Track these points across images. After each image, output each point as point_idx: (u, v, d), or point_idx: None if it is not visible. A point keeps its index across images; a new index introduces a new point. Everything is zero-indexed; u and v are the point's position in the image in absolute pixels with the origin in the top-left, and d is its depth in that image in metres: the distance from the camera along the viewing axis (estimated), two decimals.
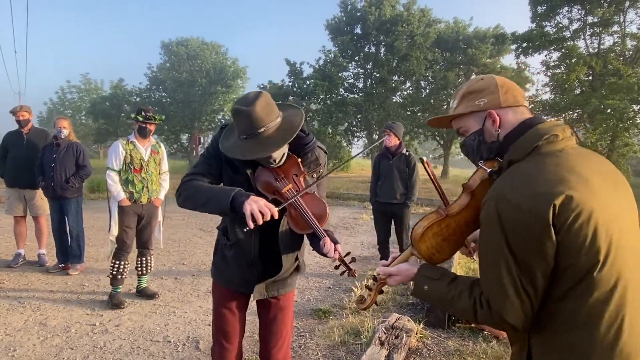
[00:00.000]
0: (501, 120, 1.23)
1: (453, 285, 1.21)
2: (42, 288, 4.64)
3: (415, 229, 1.29)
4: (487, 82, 1.26)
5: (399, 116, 26.64)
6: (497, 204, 1.07)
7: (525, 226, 1.03)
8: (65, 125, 5.13)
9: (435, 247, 1.28)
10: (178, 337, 3.56)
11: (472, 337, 3.52)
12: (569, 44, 20.55)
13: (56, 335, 3.52)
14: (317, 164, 1.95)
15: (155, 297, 4.39)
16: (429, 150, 60.62)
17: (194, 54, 37.74)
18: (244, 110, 1.70)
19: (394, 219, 5.26)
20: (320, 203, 1.88)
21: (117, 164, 4.20)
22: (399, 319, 3.54)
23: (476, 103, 1.25)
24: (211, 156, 1.92)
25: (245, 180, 1.86)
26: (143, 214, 4.30)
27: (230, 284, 2.02)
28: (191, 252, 6.45)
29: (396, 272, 1.36)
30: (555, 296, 1.07)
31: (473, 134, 1.28)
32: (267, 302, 2.04)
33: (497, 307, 1.09)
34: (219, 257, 2.06)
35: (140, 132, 4.26)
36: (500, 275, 1.08)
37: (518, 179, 1.09)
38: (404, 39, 27.05)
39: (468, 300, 1.16)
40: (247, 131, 1.72)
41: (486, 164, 1.25)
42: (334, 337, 3.51)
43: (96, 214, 9.67)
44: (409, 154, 5.20)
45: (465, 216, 1.26)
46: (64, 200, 5.09)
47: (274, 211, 1.65)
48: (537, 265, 1.05)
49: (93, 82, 49.47)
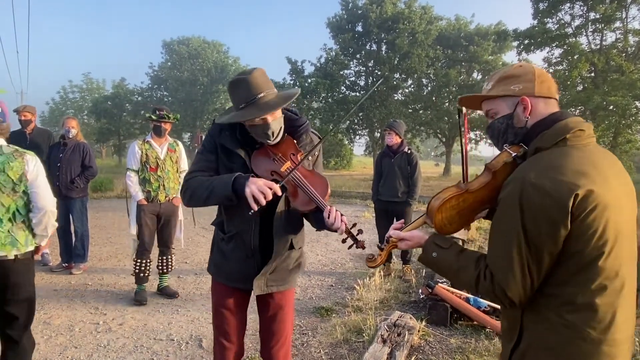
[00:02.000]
0: (532, 108, 1.27)
1: (462, 256, 1.27)
2: (46, 287, 4.66)
3: (433, 200, 1.35)
4: (525, 70, 1.30)
5: (401, 114, 26.58)
6: (522, 185, 1.12)
7: (545, 210, 1.09)
8: (74, 125, 5.17)
9: (448, 219, 1.33)
10: (181, 335, 3.57)
11: (474, 335, 3.53)
12: (571, 41, 20.47)
13: (60, 334, 3.53)
14: (312, 146, 1.98)
15: (175, 296, 4.42)
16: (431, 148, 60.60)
17: (196, 52, 37.80)
18: (242, 77, 1.76)
19: (395, 217, 5.26)
20: (320, 177, 1.89)
21: (135, 163, 4.26)
22: (401, 316, 3.54)
23: (511, 88, 1.29)
24: (207, 151, 1.94)
25: (241, 165, 1.87)
26: (161, 213, 4.33)
27: (229, 279, 2.00)
28: (193, 251, 6.47)
29: (409, 237, 1.42)
30: (559, 279, 1.14)
31: (502, 117, 1.32)
32: (267, 301, 2.03)
33: (500, 281, 1.16)
34: (216, 252, 2.06)
35: (156, 131, 4.32)
36: (509, 251, 1.14)
37: (545, 165, 1.14)
38: (406, 37, 26.98)
39: (473, 272, 1.22)
40: (247, 97, 1.75)
41: (511, 148, 1.28)
42: (336, 335, 3.52)
43: (99, 213, 9.70)
44: (411, 152, 5.20)
45: (482, 194, 1.31)
46: (69, 200, 5.11)
47: (275, 188, 1.66)
48: (546, 247, 1.11)
49: (95, 81, 49.64)
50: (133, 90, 39.38)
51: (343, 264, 6.02)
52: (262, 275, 1.93)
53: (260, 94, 1.75)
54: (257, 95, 1.75)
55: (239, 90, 1.77)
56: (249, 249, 1.92)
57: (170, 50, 38.51)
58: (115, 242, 6.94)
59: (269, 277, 1.95)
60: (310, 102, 28.14)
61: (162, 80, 38.18)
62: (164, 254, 4.46)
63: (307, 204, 1.81)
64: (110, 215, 9.55)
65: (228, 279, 2.01)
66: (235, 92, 1.79)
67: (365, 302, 4.23)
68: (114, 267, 5.54)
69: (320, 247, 6.89)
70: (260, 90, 1.75)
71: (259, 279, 1.92)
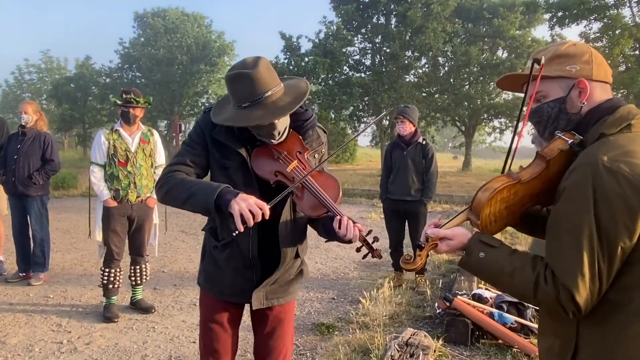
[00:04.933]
0: (590, 93, 1.28)
1: (515, 256, 1.25)
2: (0, 300, 4.66)
3: (481, 192, 1.33)
4: (582, 49, 1.32)
5: (413, 98, 26.57)
6: (594, 170, 1.12)
7: (622, 197, 1.09)
8: (29, 111, 5.12)
9: (495, 215, 1.32)
10: (158, 356, 3.58)
11: (499, 355, 3.55)
12: (612, 13, 20.45)
13: (17, 354, 3.54)
14: (319, 143, 1.99)
15: (151, 311, 4.43)
16: (448, 138, 60.68)
17: (173, 26, 37.64)
18: (245, 73, 1.72)
19: (407, 218, 5.27)
20: (331, 178, 1.89)
21: (100, 157, 4.21)
22: (414, 334, 3.56)
23: (567, 68, 1.29)
24: (195, 143, 1.93)
25: (239, 165, 1.87)
26: (133, 215, 4.30)
27: (223, 293, 2.01)
28: (172, 258, 6.48)
29: (451, 235, 1.35)
30: (627, 283, 1.13)
31: (554, 100, 1.33)
32: (264, 314, 2.04)
33: (567, 283, 1.13)
34: (208, 261, 2.06)
35: (124, 118, 4.27)
36: (579, 248, 1.12)
37: (618, 149, 1.15)
38: (419, 8, 26.90)
39: (531, 274, 1.19)
40: (251, 97, 1.73)
41: (565, 135, 1.29)
42: (339, 356, 3.53)
43: (61, 214, 9.72)
44: (426, 143, 5.20)
45: (534, 186, 1.30)
46: (26, 199, 5.10)
47: (265, 210, 1.66)
48: (620, 241, 1.10)
49: (55, 60, 49.40)
50: (100, 70, 39.24)
51: (346, 273, 6.04)
52: (262, 287, 1.94)
53: (267, 92, 1.73)
54: (264, 94, 1.73)
55: (241, 87, 1.75)
56: (247, 259, 1.93)
57: (144, 24, 38.34)
58: (80, 248, 6.95)
59: (269, 288, 1.97)
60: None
61: (134, 59, 38.03)
62: (136, 262, 4.44)
63: (316, 208, 1.82)
64: (74, 216, 9.56)
65: (222, 292, 2.01)
66: (236, 87, 1.76)
67: (373, 317, 4.25)
68: (79, 276, 5.55)
69: (319, 254, 6.90)
70: (267, 89, 1.74)
71: (258, 292, 1.94)
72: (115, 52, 39.82)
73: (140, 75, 38.32)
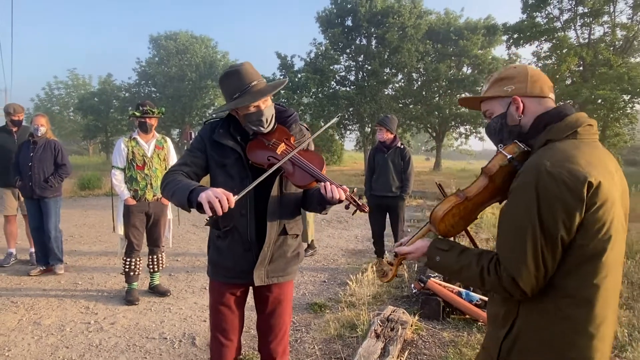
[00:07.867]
0: (525, 107, 1.32)
1: (463, 256, 1.31)
2: (35, 287, 4.61)
3: (435, 211, 1.40)
4: (519, 71, 1.36)
5: (391, 108, 26.66)
6: (538, 174, 1.14)
7: (561, 197, 1.11)
8: (43, 123, 5.01)
9: (451, 224, 1.39)
10: (174, 333, 3.56)
11: (466, 328, 3.57)
12: (560, 35, 20.68)
13: (51, 334, 3.51)
14: (302, 135, 2.06)
15: (167, 294, 4.41)
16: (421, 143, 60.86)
17: (183, 47, 37.46)
18: (234, 69, 1.87)
19: (389, 212, 5.29)
20: (315, 153, 1.94)
21: (121, 161, 4.19)
22: (394, 311, 3.57)
23: (504, 89, 1.35)
24: (195, 149, 1.99)
25: (236, 160, 1.92)
26: (150, 212, 4.27)
27: (227, 276, 2.01)
28: (184, 249, 6.45)
29: (413, 249, 1.47)
30: (562, 270, 1.16)
31: (497, 116, 1.39)
32: (265, 296, 2.04)
33: (512, 272, 1.16)
34: (213, 251, 2.07)
35: (142, 128, 4.24)
36: (523, 241, 1.15)
37: (559, 154, 1.17)
38: (395, 31, 27.01)
39: (475, 269, 1.24)
40: (240, 87, 1.84)
41: (505, 149, 1.32)
42: (329, 331, 3.54)
43: (88, 211, 9.60)
44: (404, 147, 5.22)
45: (482, 197, 1.35)
46: (43, 200, 5.00)
47: (231, 198, 1.64)
48: (559, 234, 1.13)
49: (81, 77, 48.91)
50: (120, 86, 38.95)
51: (336, 259, 6.04)
52: (260, 265, 1.94)
53: (253, 82, 1.85)
54: (250, 84, 1.84)
55: (232, 81, 1.86)
56: (246, 242, 1.94)
57: (158, 45, 38.08)
58: (104, 241, 6.89)
59: (269, 267, 1.97)
60: (301, 98, 28.07)
61: (150, 76, 37.77)
62: (153, 252, 4.41)
63: (304, 179, 1.84)
64: (99, 213, 9.45)
65: (226, 275, 2.01)
66: (228, 83, 1.87)
67: (358, 297, 4.26)
68: (103, 266, 5.50)
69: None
70: (252, 80, 1.86)
71: (258, 269, 1.94)
72: (133, 70, 39.59)
73: (155, 90, 38.06)
